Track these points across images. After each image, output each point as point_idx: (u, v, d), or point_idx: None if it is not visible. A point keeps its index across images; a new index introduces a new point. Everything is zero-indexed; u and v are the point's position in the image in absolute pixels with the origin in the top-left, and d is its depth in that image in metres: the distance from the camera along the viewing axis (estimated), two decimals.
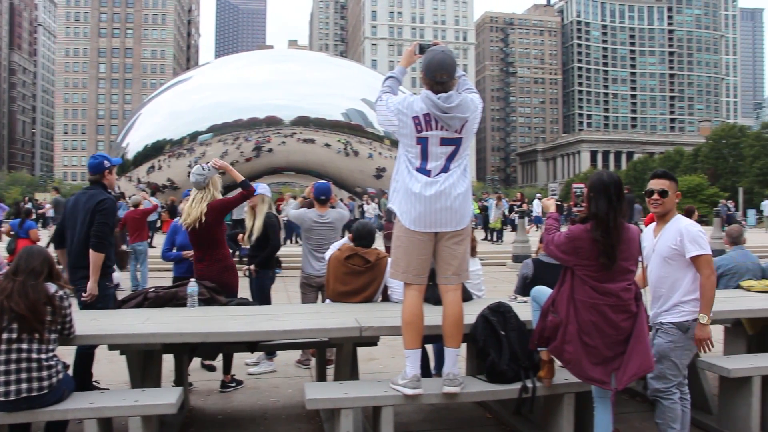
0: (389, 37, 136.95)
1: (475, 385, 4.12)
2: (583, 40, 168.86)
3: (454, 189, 3.82)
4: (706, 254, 3.93)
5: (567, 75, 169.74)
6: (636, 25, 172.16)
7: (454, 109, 3.76)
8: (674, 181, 4.17)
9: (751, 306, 5.29)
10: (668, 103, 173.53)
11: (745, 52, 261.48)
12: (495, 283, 13.36)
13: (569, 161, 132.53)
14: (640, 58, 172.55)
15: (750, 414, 4.51)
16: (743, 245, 6.73)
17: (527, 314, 4.35)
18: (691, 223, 4.03)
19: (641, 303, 3.76)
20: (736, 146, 70.43)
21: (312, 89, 27.87)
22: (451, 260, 3.91)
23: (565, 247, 3.74)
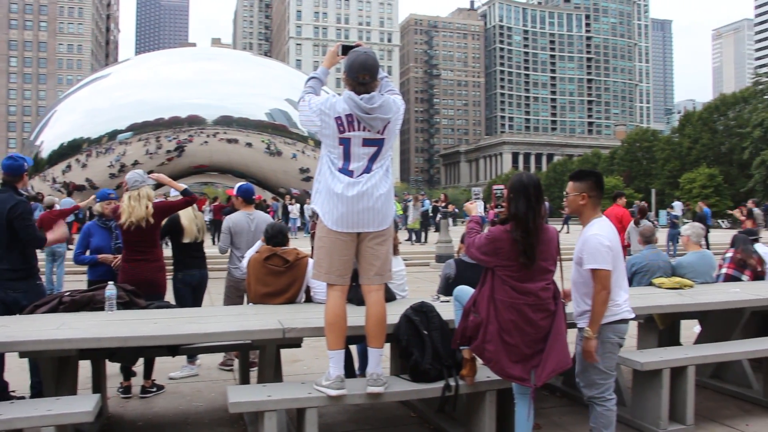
0: (314, 37, 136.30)
1: (398, 385, 4.15)
2: (505, 44, 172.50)
3: (376, 189, 3.83)
4: (601, 269, 3.86)
5: (490, 78, 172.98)
6: (556, 31, 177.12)
7: (376, 110, 3.78)
8: (580, 181, 4.11)
9: (662, 302, 5.53)
10: (586, 107, 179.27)
11: (656, 61, 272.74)
12: (418, 283, 13.49)
13: (492, 163, 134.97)
14: (560, 63, 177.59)
15: (660, 404, 4.70)
16: (655, 244, 7.04)
17: (450, 314, 4.41)
18: (596, 233, 3.94)
19: (559, 301, 3.86)
20: (649, 150, 73.42)
21: (235, 89, 27.46)
22: (373, 261, 3.92)
23: (486, 249, 3.79)
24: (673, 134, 75.87)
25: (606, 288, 3.87)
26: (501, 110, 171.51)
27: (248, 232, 6.55)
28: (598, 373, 3.98)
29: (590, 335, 3.88)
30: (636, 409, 4.94)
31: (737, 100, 66.30)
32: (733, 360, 5.59)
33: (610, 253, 3.90)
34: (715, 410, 5.38)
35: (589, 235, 3.97)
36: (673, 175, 63.78)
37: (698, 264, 6.73)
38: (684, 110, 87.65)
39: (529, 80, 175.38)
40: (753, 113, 58.73)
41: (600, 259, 3.87)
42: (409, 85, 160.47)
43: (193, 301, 6.64)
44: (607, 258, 3.88)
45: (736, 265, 7.01)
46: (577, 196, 4.08)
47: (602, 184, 4.17)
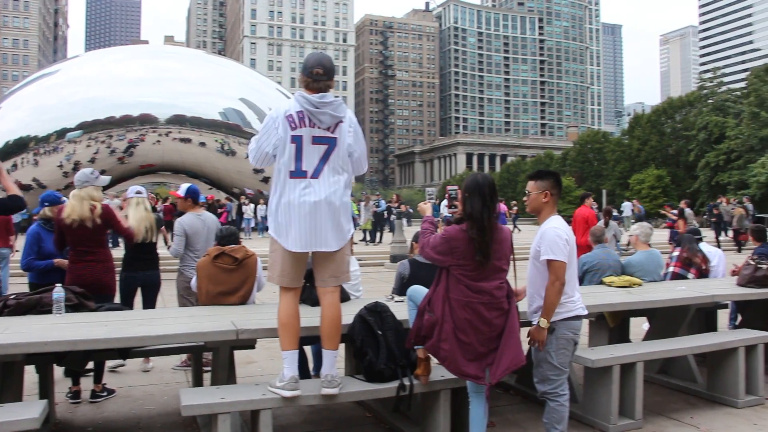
0: (269, 36, 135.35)
1: (353, 385, 4.15)
2: (460, 45, 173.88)
3: (334, 202, 3.83)
4: (557, 260, 3.97)
5: (444, 79, 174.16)
6: (510, 34, 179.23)
7: (326, 105, 3.79)
8: (542, 180, 4.23)
9: (612, 300, 5.66)
10: (539, 109, 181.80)
11: (607, 64, 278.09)
12: (373, 283, 13.52)
13: (446, 163, 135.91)
14: (513, 65, 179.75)
15: (610, 400, 4.80)
16: (606, 244, 7.21)
17: (404, 313, 4.43)
18: (554, 226, 4.08)
19: (513, 300, 3.91)
20: (600, 151, 74.84)
21: (189, 87, 27.09)
22: (329, 263, 3.92)
23: (441, 248, 3.82)
24: (623, 136, 77.48)
25: (560, 279, 3.97)
26: (455, 111, 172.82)
27: (203, 233, 6.51)
28: (551, 369, 4.06)
29: (545, 325, 3.97)
30: (587, 405, 5.03)
31: (683, 103, 68.04)
32: (679, 355, 5.74)
33: (567, 246, 4.03)
34: (663, 404, 5.51)
35: (546, 228, 4.09)
36: (623, 176, 65.11)
37: (647, 263, 6.91)
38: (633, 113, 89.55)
39: (483, 82, 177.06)
40: (698, 117, 60.35)
41: (557, 251, 3.98)
42: (364, 86, 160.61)
43: (145, 302, 6.56)
44: (564, 250, 4.00)
45: (682, 263, 7.21)
46: (540, 194, 4.19)
47: (561, 183, 4.32)
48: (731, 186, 49.48)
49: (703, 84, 66.21)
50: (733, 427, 4.97)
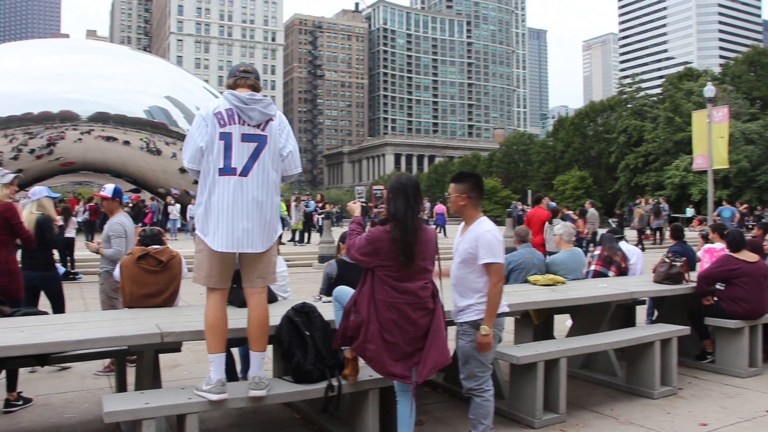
0: (196, 33, 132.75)
1: (281, 387, 4.12)
2: (389, 47, 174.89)
3: (264, 203, 3.80)
4: (497, 263, 4.04)
5: (373, 80, 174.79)
6: (438, 36, 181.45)
7: (256, 102, 3.77)
8: (461, 183, 4.25)
9: (537, 298, 5.80)
10: (467, 111, 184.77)
11: (532, 68, 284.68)
12: (301, 283, 13.44)
13: (374, 164, 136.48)
14: (441, 67, 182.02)
15: (535, 395, 4.91)
16: (530, 243, 7.38)
17: (332, 314, 4.42)
18: (489, 229, 4.13)
19: (438, 299, 3.94)
20: (526, 152, 76.63)
21: (112, 84, 26.20)
22: (256, 264, 3.87)
23: (366, 249, 3.82)
24: (547, 138, 79.54)
25: (501, 280, 4.06)
26: (384, 112, 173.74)
27: (132, 234, 6.40)
28: (478, 366, 4.13)
29: (487, 332, 4.02)
30: (513, 400, 5.13)
31: (605, 107, 70.34)
32: (600, 350, 5.93)
33: (503, 247, 4.13)
34: (585, 398, 5.68)
35: (482, 231, 4.12)
36: (547, 177, 66.80)
37: (570, 261, 7.12)
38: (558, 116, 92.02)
39: (411, 83, 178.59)
40: (618, 120, 62.47)
41: (496, 253, 4.06)
42: (292, 85, 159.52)
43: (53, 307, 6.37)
44: (502, 251, 4.10)
45: (603, 262, 7.46)
46: (458, 197, 4.22)
47: (482, 185, 4.35)
48: (649, 187, 51.42)
49: (622, 89, 68.65)
50: (649, 417, 5.17)
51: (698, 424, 4.98)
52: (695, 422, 5.02)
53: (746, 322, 6.47)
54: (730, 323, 6.45)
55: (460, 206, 4.25)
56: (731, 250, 6.71)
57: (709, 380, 6.31)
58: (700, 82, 50.95)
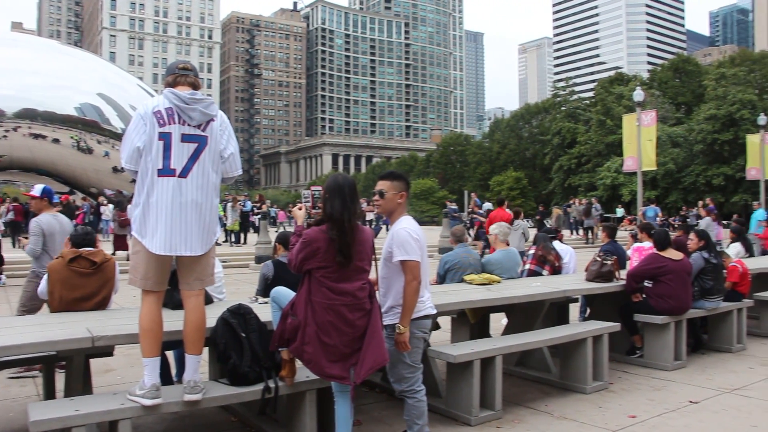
0: (130, 29, 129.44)
1: (217, 390, 4.05)
2: (327, 47, 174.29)
3: (204, 204, 3.73)
4: (410, 260, 4.01)
5: (311, 80, 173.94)
6: (377, 37, 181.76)
7: (197, 102, 3.70)
8: (398, 181, 4.26)
9: (472, 297, 5.87)
10: (404, 111, 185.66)
11: (469, 70, 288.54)
12: (238, 285, 13.30)
13: (312, 164, 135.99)
14: (380, 67, 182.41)
15: (472, 393, 4.97)
16: (466, 243, 7.48)
17: (269, 315, 4.38)
18: (405, 227, 4.12)
19: (375, 300, 3.94)
20: (462, 153, 77.58)
21: (41, 80, 25.36)
22: (194, 266, 3.80)
23: (304, 253, 3.78)
24: (484, 139, 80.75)
25: (417, 278, 4.03)
26: (322, 112, 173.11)
27: (60, 234, 6.22)
28: (406, 368, 4.14)
29: (402, 330, 4.02)
30: (450, 399, 5.18)
31: (539, 109, 71.94)
32: (534, 348, 6.05)
33: (418, 245, 4.10)
34: (520, 395, 5.78)
35: (398, 228, 4.12)
36: (484, 178, 67.81)
37: (505, 261, 7.24)
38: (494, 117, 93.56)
39: (349, 83, 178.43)
40: (552, 122, 63.99)
41: (410, 251, 4.03)
42: (229, 84, 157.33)
43: None
44: (417, 250, 4.07)
45: (537, 261, 7.62)
46: (396, 195, 4.22)
47: (410, 185, 4.38)
48: (582, 188, 52.81)
49: (557, 92, 70.29)
50: (582, 411, 5.30)
51: (628, 417, 5.14)
52: (625, 415, 5.18)
53: (672, 317, 6.71)
54: (657, 319, 6.68)
55: (396, 204, 4.24)
56: (658, 249, 6.94)
57: (638, 374, 6.52)
58: (629, 86, 52.63)
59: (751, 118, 41.86)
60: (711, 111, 45.76)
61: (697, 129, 47.07)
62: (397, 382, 4.18)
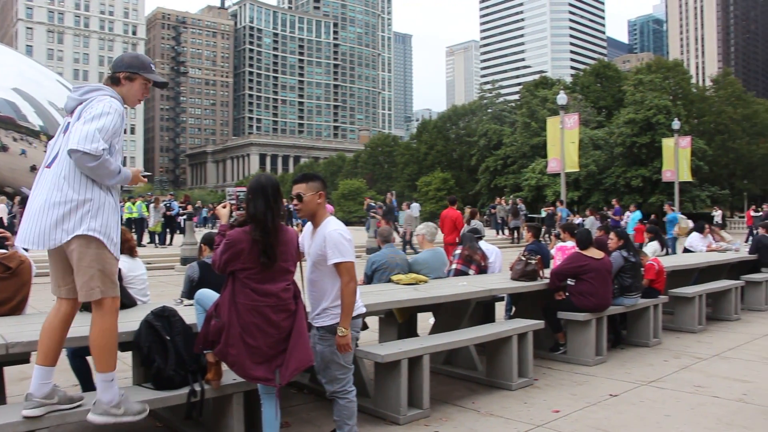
0: (48, 21, 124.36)
1: (140, 395, 3.94)
2: (255, 45, 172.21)
3: (36, 198, 3.37)
4: (346, 261, 4.00)
5: (238, 79, 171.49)
6: (305, 36, 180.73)
7: (77, 89, 3.54)
8: (313, 181, 4.18)
9: (400, 297, 5.90)
10: (332, 112, 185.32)
11: (397, 71, 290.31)
12: (163, 287, 13.01)
13: (239, 164, 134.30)
14: (308, 67, 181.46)
15: (400, 392, 5.00)
16: (393, 243, 7.52)
17: (194, 317, 4.30)
18: (336, 228, 4.09)
19: (300, 301, 3.92)
20: (390, 154, 77.99)
21: None
22: (77, 275, 3.39)
23: (227, 255, 3.74)
24: (411, 140, 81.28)
25: (354, 279, 4.04)
26: (249, 111, 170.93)
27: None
28: (339, 369, 4.12)
29: (344, 333, 4.00)
30: (378, 399, 5.20)
31: (466, 111, 72.99)
32: (461, 346, 6.13)
33: (351, 245, 4.10)
34: (448, 393, 5.85)
35: (329, 230, 4.08)
36: (411, 179, 68.24)
37: (432, 260, 7.32)
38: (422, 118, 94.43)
39: (277, 83, 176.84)
40: (479, 124, 64.99)
41: (345, 252, 4.02)
42: None
43: None
44: (351, 250, 4.07)
45: (463, 260, 7.74)
46: (314, 195, 4.16)
47: (326, 184, 4.37)
48: (507, 188, 53.77)
49: (483, 94, 71.61)
50: (508, 407, 5.41)
51: (552, 411, 5.27)
52: (549, 410, 5.32)
53: (593, 314, 6.93)
54: (579, 316, 6.88)
55: (317, 205, 4.18)
56: (580, 248, 7.16)
57: (562, 370, 6.71)
58: (553, 90, 53.90)
59: (666, 122, 43.64)
60: (630, 115, 47.40)
61: (617, 132, 48.64)
62: (329, 383, 4.16)
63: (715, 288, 9.68)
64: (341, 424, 4.15)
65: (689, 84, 59.50)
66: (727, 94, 58.03)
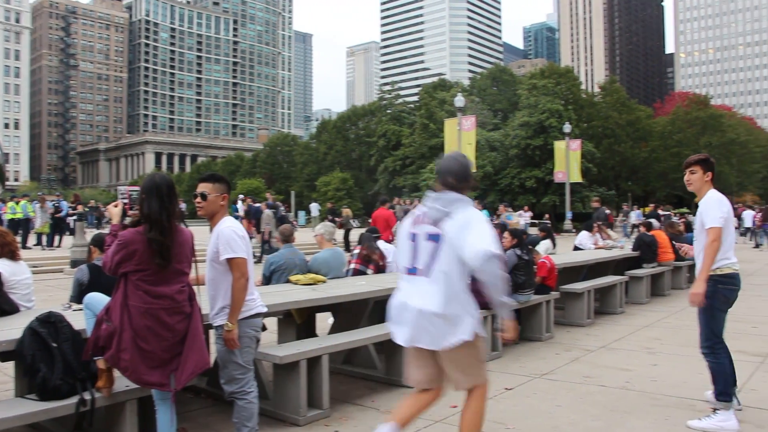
0: None
1: (23, 407, 3.74)
2: (151, 40, 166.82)
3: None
4: (237, 257, 3.95)
5: (133, 74, 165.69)
6: (204, 32, 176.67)
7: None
8: (219, 183, 4.16)
9: (298, 298, 5.87)
10: (231, 110, 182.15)
11: (297, 70, 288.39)
12: (51, 291, 12.43)
13: (134, 162, 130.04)
14: (206, 64, 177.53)
15: (299, 393, 4.97)
16: (293, 243, 7.48)
17: (83, 323, 4.14)
18: (229, 225, 4.07)
19: (195, 303, 3.86)
20: (290, 154, 77.60)
21: None
22: None
23: (119, 256, 3.63)
24: (311, 140, 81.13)
25: (245, 275, 3.98)
26: (144, 108, 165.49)
27: None
28: (237, 368, 4.06)
29: (230, 328, 3.94)
30: (278, 400, 5.16)
31: (366, 112, 73.52)
32: (360, 345, 6.17)
33: (244, 242, 4.06)
34: (348, 392, 5.88)
35: (223, 227, 4.04)
36: (310, 178, 68.19)
37: (331, 260, 7.33)
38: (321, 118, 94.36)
39: (174, 79, 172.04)
40: (378, 125, 65.67)
41: (236, 248, 3.97)
42: (41, 74, 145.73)
43: None
44: (243, 247, 4.02)
45: (362, 260, 7.79)
46: (218, 197, 4.12)
47: (231, 187, 4.34)
48: (406, 189, 54.53)
49: (383, 95, 72.18)
50: None
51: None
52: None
53: (488, 311, 7.09)
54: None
55: (219, 206, 4.13)
56: None
57: None
58: (451, 92, 55.12)
59: (558, 126, 45.46)
60: (524, 118, 49.08)
61: (512, 134, 50.22)
62: (227, 383, 4.09)
63: (602, 283, 10.20)
64: (240, 426, 4.08)
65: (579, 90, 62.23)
66: (613, 100, 61.05)
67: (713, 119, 61.88)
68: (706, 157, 4.93)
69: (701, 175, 4.84)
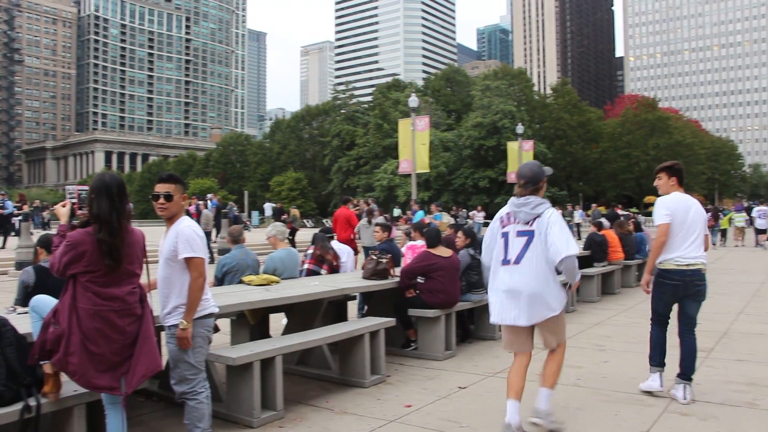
0: None
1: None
2: (101, 36, 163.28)
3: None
4: (197, 257, 3.98)
5: (82, 70, 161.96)
6: (156, 29, 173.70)
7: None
8: (180, 184, 4.17)
9: (251, 299, 5.82)
10: (183, 109, 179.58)
11: (251, 69, 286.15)
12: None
13: (82, 161, 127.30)
14: (158, 62, 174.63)
15: (252, 395, 4.94)
16: (243, 244, 7.43)
17: (29, 326, 4.04)
18: (189, 225, 4.07)
19: (146, 304, 3.80)
20: (243, 153, 76.88)
21: None
22: None
23: (67, 258, 3.54)
24: (264, 140, 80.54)
25: (203, 275, 3.99)
26: (94, 106, 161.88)
27: None
28: (188, 368, 4.02)
29: (185, 326, 3.92)
30: (231, 402, 5.11)
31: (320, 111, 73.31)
32: (314, 346, 6.15)
33: (204, 242, 4.07)
34: (302, 393, 5.85)
35: (182, 227, 4.03)
36: (264, 178, 67.69)
37: (287, 259, 7.30)
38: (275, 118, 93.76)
39: (125, 77, 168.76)
40: (332, 125, 65.57)
41: (196, 248, 3.98)
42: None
43: None
44: (202, 247, 4.03)
45: (315, 260, 7.78)
46: (180, 198, 4.12)
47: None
48: (360, 188, 54.57)
49: (337, 95, 72.14)
50: (361, 404, 5.49)
51: (404, 406, 5.41)
52: (402, 405, 5.46)
53: (443, 310, 7.18)
54: (429, 313, 7.10)
55: (181, 206, 4.14)
56: (429, 247, 7.39)
57: (414, 365, 6.89)
58: (405, 93, 55.36)
59: (511, 126, 46.11)
60: (477, 119, 49.64)
61: (465, 135, 50.75)
62: (178, 383, 4.04)
63: None
64: (192, 427, 4.04)
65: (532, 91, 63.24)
66: (564, 102, 62.18)
67: (661, 121, 63.52)
68: (671, 164, 5.57)
69: (666, 180, 5.51)
